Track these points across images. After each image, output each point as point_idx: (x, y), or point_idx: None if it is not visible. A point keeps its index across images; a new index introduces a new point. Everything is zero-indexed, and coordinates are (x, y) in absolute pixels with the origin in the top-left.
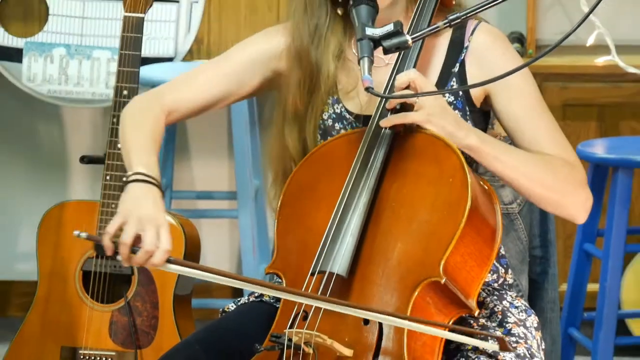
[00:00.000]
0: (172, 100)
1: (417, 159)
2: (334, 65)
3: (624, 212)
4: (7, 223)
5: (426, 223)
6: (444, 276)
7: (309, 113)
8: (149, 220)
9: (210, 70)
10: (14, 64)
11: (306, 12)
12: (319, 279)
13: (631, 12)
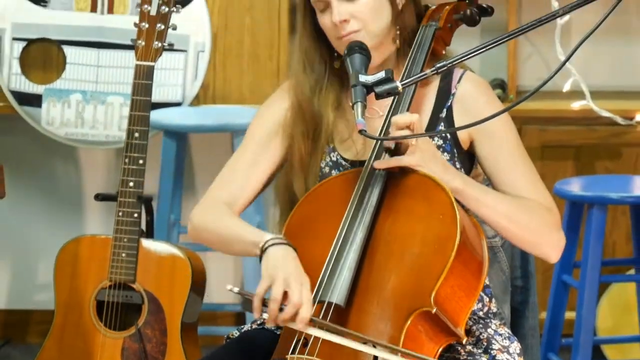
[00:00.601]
0: (228, 196)
1: (410, 197)
2: (333, 115)
3: (598, 245)
4: (26, 256)
5: (418, 257)
6: (434, 306)
7: (312, 160)
8: (294, 279)
9: (241, 157)
10: (34, 108)
11: (305, 70)
12: (319, 308)
13: (604, 60)
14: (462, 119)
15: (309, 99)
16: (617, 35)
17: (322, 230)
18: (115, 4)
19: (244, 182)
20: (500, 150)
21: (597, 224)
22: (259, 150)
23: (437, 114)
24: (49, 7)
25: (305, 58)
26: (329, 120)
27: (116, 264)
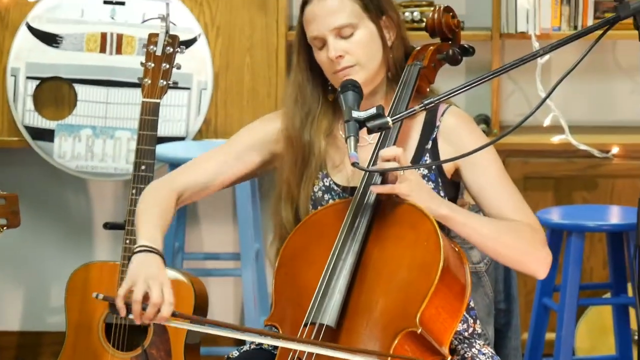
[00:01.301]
0: (182, 183)
1: (397, 225)
2: (324, 143)
3: (576, 270)
4: (39, 281)
5: (404, 281)
6: (420, 326)
7: (302, 188)
8: (154, 279)
9: (215, 155)
10: (46, 143)
11: (297, 103)
12: (311, 330)
13: (582, 97)
14: (447, 150)
15: (300, 131)
16: (593, 74)
17: (315, 257)
18: (123, 45)
19: (203, 179)
20: (485, 177)
21: (575, 251)
22: (233, 157)
23: (423, 146)
24: (60, 47)
25: (298, 91)
26: (320, 147)
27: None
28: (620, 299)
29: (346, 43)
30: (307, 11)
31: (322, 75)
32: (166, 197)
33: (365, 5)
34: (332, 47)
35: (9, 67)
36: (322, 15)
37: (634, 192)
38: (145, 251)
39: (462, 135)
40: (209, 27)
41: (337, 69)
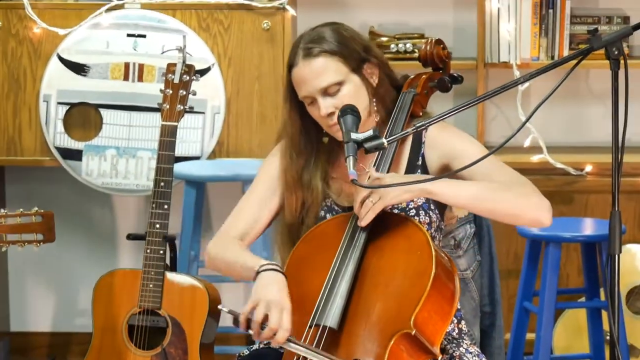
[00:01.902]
0: (236, 234)
1: (393, 236)
2: (322, 184)
3: (554, 277)
4: (69, 286)
5: (400, 287)
6: (414, 328)
7: (305, 224)
8: (275, 304)
9: (247, 205)
10: (75, 162)
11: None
12: (315, 331)
13: (558, 120)
14: (432, 157)
15: (299, 179)
16: (569, 100)
17: (318, 265)
18: (144, 73)
19: (252, 220)
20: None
21: (553, 259)
22: (267, 193)
23: (413, 163)
24: (88, 76)
25: (291, 144)
26: (318, 190)
27: (145, 293)
28: (594, 303)
29: (334, 100)
30: (295, 73)
31: (315, 122)
32: (236, 242)
33: (347, 62)
34: (322, 106)
35: (41, 93)
36: (309, 77)
37: (606, 207)
38: (271, 270)
39: (444, 138)
40: (221, 58)
41: (329, 124)
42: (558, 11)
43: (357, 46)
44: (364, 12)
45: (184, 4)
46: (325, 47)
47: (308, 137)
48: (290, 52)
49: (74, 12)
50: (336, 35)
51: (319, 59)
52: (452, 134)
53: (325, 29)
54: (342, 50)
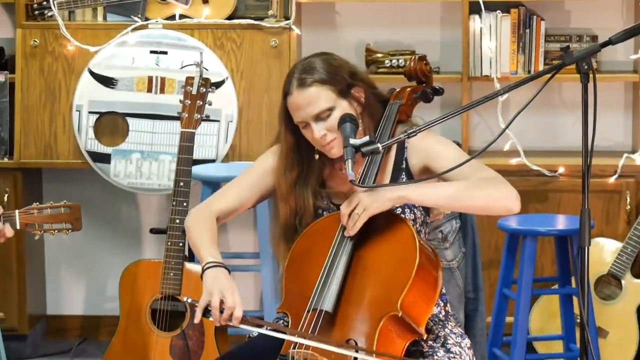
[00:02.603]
0: (218, 209)
1: (381, 230)
2: (312, 199)
3: (530, 267)
4: (98, 274)
5: (388, 274)
6: (400, 311)
7: (300, 227)
8: (227, 289)
9: (238, 186)
10: (104, 164)
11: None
12: (313, 315)
13: (534, 127)
14: (415, 159)
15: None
16: (544, 109)
17: (316, 257)
18: (166, 86)
19: (238, 202)
20: (449, 162)
21: (529, 251)
22: (258, 183)
23: (398, 166)
24: (116, 88)
25: (286, 161)
26: (310, 203)
27: (166, 281)
28: (566, 290)
29: (326, 123)
30: (290, 101)
31: (306, 141)
32: (209, 220)
33: (336, 88)
34: (315, 130)
35: (74, 104)
36: (303, 105)
37: (577, 204)
38: (214, 266)
39: (425, 142)
40: (234, 72)
41: (322, 144)
42: (534, 31)
43: (345, 73)
44: (361, 31)
45: (200, 24)
46: (316, 77)
47: (300, 154)
48: (285, 81)
49: (103, 32)
50: (326, 65)
51: (312, 88)
52: (432, 140)
53: (316, 59)
54: (332, 79)
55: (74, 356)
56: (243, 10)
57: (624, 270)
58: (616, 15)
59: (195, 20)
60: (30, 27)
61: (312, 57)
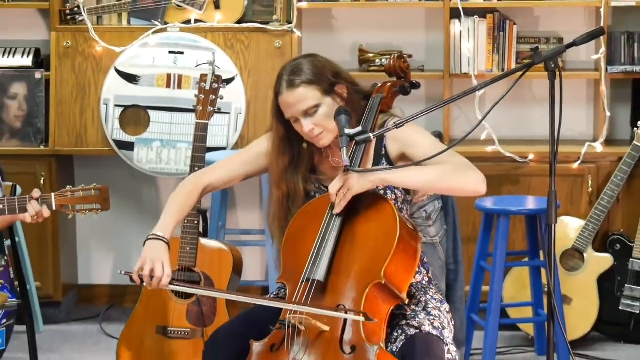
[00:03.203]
0: (208, 180)
1: (366, 208)
2: (302, 184)
3: (504, 242)
4: (124, 249)
5: (372, 247)
6: (384, 279)
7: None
8: (157, 259)
9: (233, 161)
10: (128, 152)
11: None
12: (307, 284)
13: (507, 119)
14: (393, 147)
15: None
16: (516, 103)
17: (309, 234)
18: (183, 82)
19: (228, 177)
20: (424, 149)
21: (503, 228)
22: (247, 161)
23: (379, 152)
24: (138, 84)
25: (278, 151)
26: (300, 188)
27: (183, 254)
28: (535, 262)
29: (313, 119)
30: (281, 100)
31: (295, 132)
32: (192, 190)
33: (321, 88)
34: (304, 124)
35: (102, 98)
36: (292, 103)
37: (544, 187)
38: (154, 239)
39: (402, 132)
40: (243, 70)
41: (311, 137)
42: (507, 33)
43: (329, 73)
44: (355, 34)
45: (213, 27)
46: (303, 78)
47: (290, 145)
48: (276, 82)
49: (128, 34)
50: (312, 67)
51: (300, 89)
52: (409, 130)
53: (303, 61)
54: (317, 79)
55: (102, 321)
56: (251, 15)
57: (586, 245)
58: (580, 20)
59: (209, 24)
60: (63, 30)
61: (299, 59)
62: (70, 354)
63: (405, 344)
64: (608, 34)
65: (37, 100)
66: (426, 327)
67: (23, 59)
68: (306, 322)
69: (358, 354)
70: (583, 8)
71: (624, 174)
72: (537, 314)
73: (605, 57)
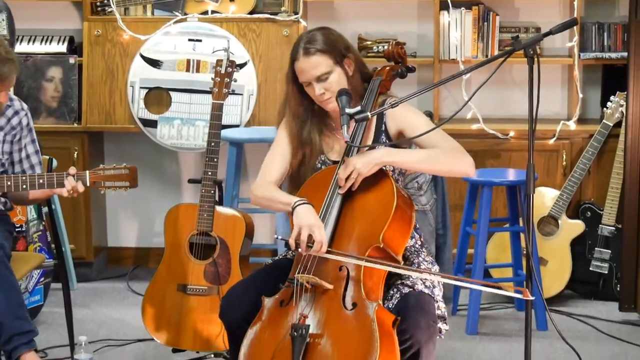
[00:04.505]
0: (271, 179)
1: (367, 179)
2: (319, 137)
3: (487, 210)
4: (148, 215)
5: (372, 214)
6: (382, 242)
7: (307, 167)
8: (315, 226)
9: (274, 159)
10: (152, 129)
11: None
12: None
13: (491, 100)
14: (392, 126)
15: (300, 135)
16: (498, 85)
17: (316, 201)
18: (201, 66)
19: (278, 170)
20: (420, 130)
21: (486, 197)
22: (285, 152)
23: (379, 129)
24: (161, 69)
25: (294, 112)
26: (316, 140)
27: (201, 220)
28: (515, 228)
29: (325, 84)
30: (296, 65)
31: (308, 95)
32: (271, 185)
33: (333, 57)
34: (316, 88)
35: (129, 81)
36: (307, 69)
37: (523, 161)
38: (302, 204)
39: (400, 112)
40: (254, 55)
41: (321, 100)
42: (490, 24)
43: (340, 46)
44: (356, 24)
45: (228, 17)
46: (317, 46)
47: (304, 106)
48: (293, 49)
49: (152, 24)
50: (325, 38)
51: (314, 56)
52: (406, 110)
53: (318, 32)
54: (330, 49)
55: (128, 279)
56: (261, 7)
57: (560, 213)
58: (555, 11)
59: (224, 15)
60: (94, 20)
61: (315, 30)
62: (100, 309)
63: (400, 301)
64: (580, 24)
65: (71, 82)
66: (419, 286)
67: (58, 46)
68: (313, 280)
69: (359, 309)
70: (558, 1)
71: (595, 149)
72: (516, 274)
73: (578, 45)
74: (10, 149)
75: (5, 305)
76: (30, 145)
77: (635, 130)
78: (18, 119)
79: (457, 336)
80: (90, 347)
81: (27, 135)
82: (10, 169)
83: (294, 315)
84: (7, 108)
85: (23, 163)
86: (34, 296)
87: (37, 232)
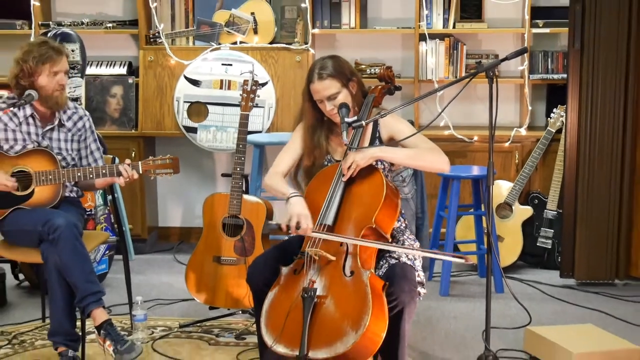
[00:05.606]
0: (281, 170)
1: (363, 174)
2: (325, 143)
3: (456, 198)
4: (190, 201)
5: (367, 201)
6: (374, 224)
7: (317, 165)
8: (303, 215)
9: (286, 154)
10: (193, 134)
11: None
12: (320, 227)
13: (459, 112)
14: (385, 133)
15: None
16: (465, 99)
17: (323, 191)
18: (231, 85)
19: (287, 164)
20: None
21: (455, 188)
22: (296, 150)
23: (374, 135)
24: (200, 87)
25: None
26: (324, 145)
27: (232, 205)
28: (478, 212)
29: (334, 102)
30: (312, 87)
31: (319, 110)
32: (280, 176)
33: (341, 81)
34: (327, 105)
35: (175, 96)
36: (320, 90)
37: (485, 159)
38: (295, 196)
39: (391, 121)
40: (273, 76)
41: (331, 114)
42: (459, 51)
43: (347, 71)
44: (353, 51)
45: (253, 47)
46: (328, 72)
47: (316, 117)
48: (309, 73)
49: (193, 52)
50: (335, 65)
51: (326, 80)
52: (395, 120)
53: (329, 60)
54: (338, 74)
55: (175, 252)
56: (279, 38)
57: (514, 200)
58: (510, 42)
59: (249, 45)
60: (148, 49)
61: (327, 58)
62: (152, 275)
63: (388, 270)
64: (530, 52)
65: (130, 97)
66: (403, 259)
67: (120, 69)
68: (319, 253)
69: (356, 276)
70: (512, 34)
71: (541, 150)
72: (479, 249)
73: (528, 68)
74: (78, 146)
75: (79, 271)
76: (93, 144)
77: (573, 135)
78: (82, 123)
79: (432, 297)
80: (145, 305)
81: (90, 135)
82: (79, 163)
83: (305, 280)
84: (73, 114)
85: (88, 158)
86: (100, 265)
87: (103, 215)
